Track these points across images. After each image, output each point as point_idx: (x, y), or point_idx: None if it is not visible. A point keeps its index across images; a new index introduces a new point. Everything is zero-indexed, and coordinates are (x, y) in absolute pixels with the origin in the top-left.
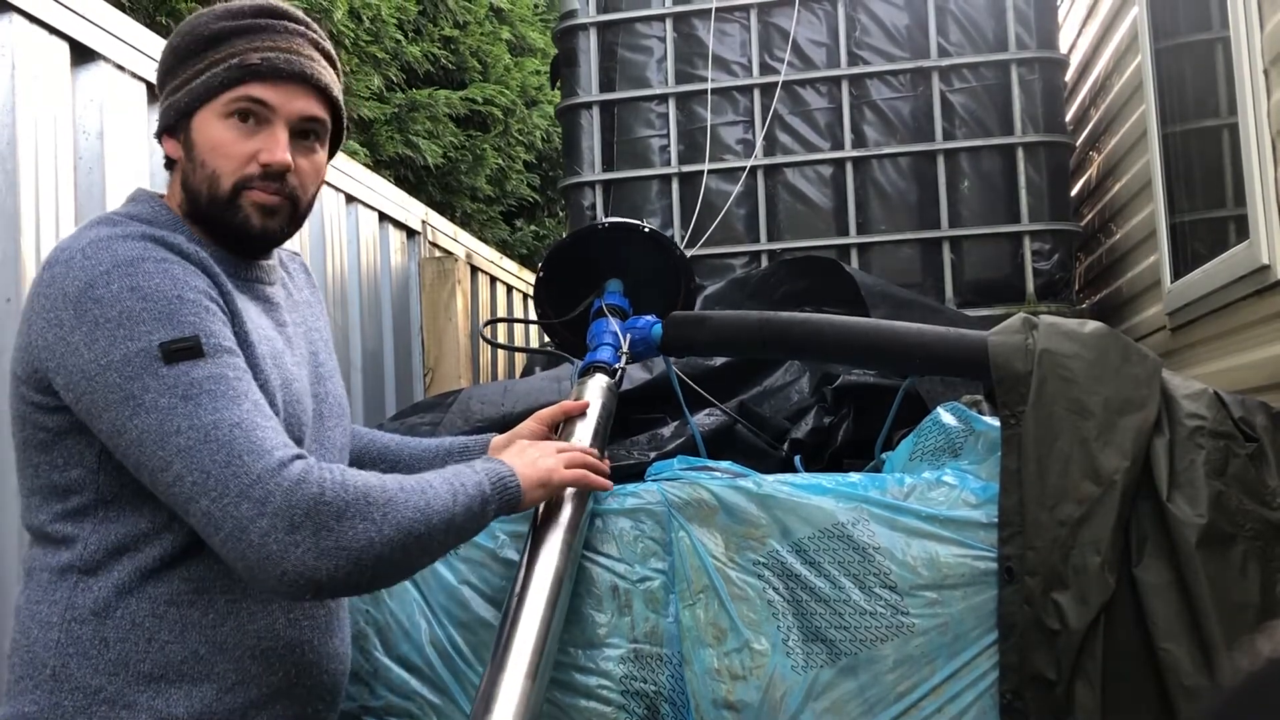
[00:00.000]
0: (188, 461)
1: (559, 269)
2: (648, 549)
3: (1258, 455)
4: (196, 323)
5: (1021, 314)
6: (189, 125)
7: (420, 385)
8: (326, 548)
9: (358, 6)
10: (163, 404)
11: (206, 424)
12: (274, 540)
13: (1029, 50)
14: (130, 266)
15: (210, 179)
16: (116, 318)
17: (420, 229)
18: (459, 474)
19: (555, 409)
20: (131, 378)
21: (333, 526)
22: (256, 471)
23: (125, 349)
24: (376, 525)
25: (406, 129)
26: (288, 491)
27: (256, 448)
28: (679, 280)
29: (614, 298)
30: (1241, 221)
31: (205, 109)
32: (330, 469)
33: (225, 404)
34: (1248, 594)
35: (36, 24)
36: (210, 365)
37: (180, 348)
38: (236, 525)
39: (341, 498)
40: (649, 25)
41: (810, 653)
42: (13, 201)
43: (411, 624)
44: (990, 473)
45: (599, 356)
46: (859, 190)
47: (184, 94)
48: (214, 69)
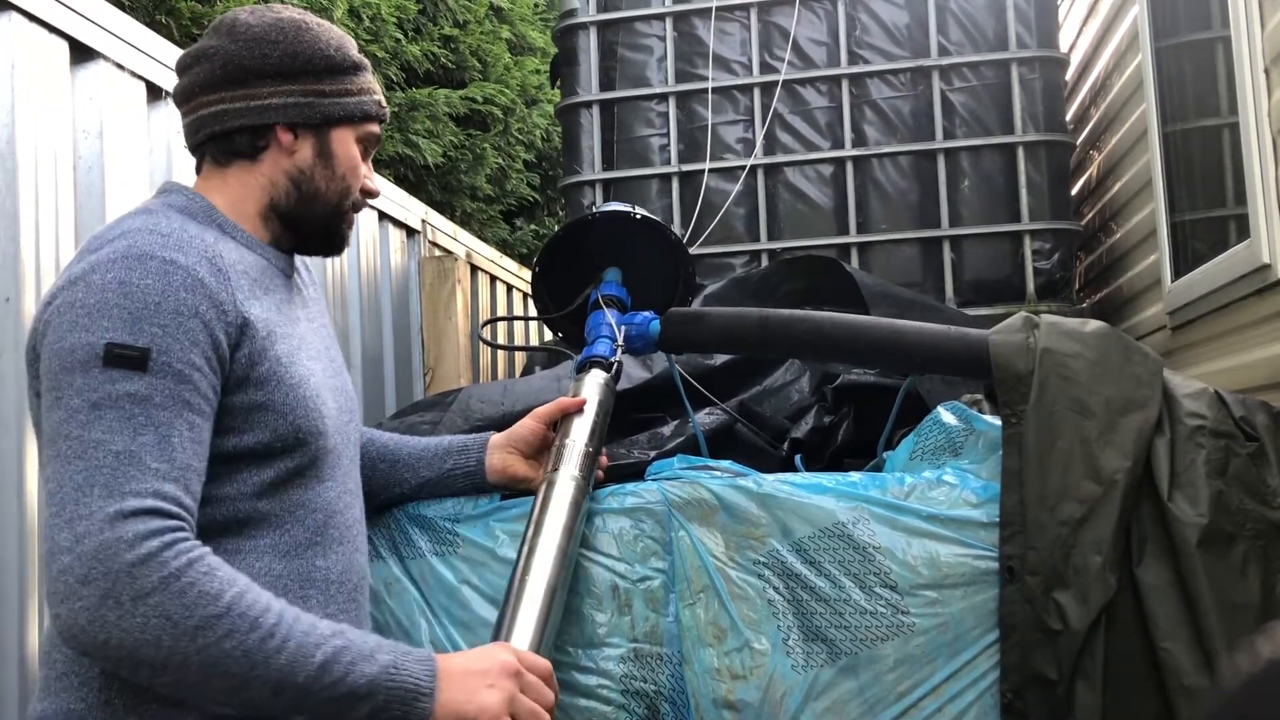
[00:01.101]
0: (56, 469)
1: (556, 262)
2: (648, 548)
3: (1258, 455)
4: (158, 335)
5: (1022, 313)
6: (326, 133)
7: (420, 384)
8: (106, 618)
9: (357, 5)
10: (73, 405)
11: (90, 441)
12: (63, 582)
13: (1029, 49)
14: (135, 261)
15: (343, 191)
16: (91, 306)
17: (420, 228)
18: (357, 649)
19: (552, 406)
20: (67, 369)
21: (124, 603)
22: (92, 508)
23: (75, 339)
24: (175, 634)
25: (406, 128)
26: (103, 543)
27: (114, 485)
28: (677, 265)
29: (611, 288)
30: (1242, 221)
31: (348, 128)
32: (180, 548)
33: (125, 429)
34: (1248, 594)
35: (36, 23)
36: (143, 384)
37: (124, 354)
38: (51, 548)
39: (153, 580)
40: (649, 24)
41: (810, 652)
42: (12, 201)
43: (411, 623)
44: (991, 472)
45: (595, 351)
46: (859, 189)
47: (333, 103)
48: (362, 96)
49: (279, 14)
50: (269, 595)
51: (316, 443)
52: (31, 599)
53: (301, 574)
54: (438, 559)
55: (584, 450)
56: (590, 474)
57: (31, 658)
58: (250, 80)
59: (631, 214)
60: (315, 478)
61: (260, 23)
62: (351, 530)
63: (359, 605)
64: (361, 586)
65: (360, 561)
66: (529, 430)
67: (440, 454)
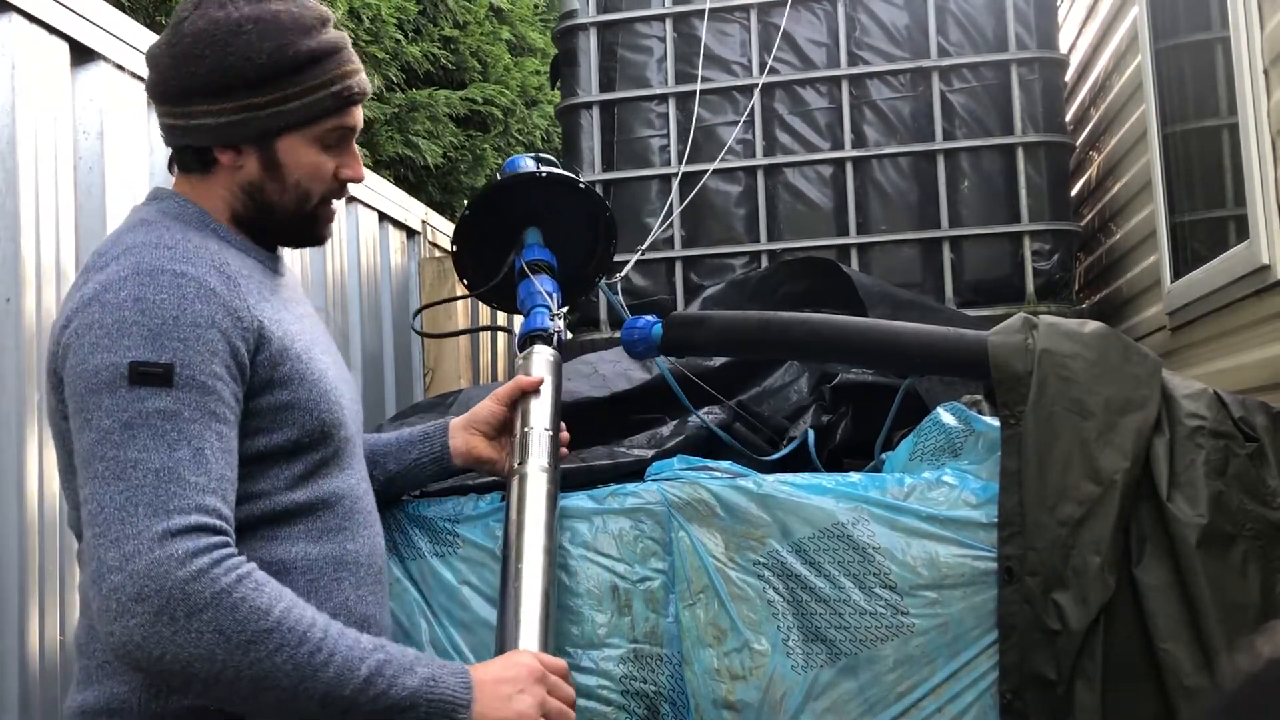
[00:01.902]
0: (95, 489)
1: (476, 235)
2: (648, 549)
3: (1258, 455)
4: (179, 349)
5: (1021, 314)
6: (273, 145)
7: (420, 385)
8: (161, 635)
9: (358, 6)
10: (105, 425)
11: (128, 460)
12: (115, 600)
13: (1029, 50)
14: (147, 277)
15: (302, 198)
16: (109, 325)
17: (420, 229)
18: (398, 663)
19: (511, 386)
20: (94, 390)
21: (178, 619)
22: (139, 527)
23: (99, 360)
24: (228, 649)
25: (406, 129)
26: (154, 561)
27: (158, 503)
28: (594, 214)
29: (534, 251)
30: (1241, 221)
31: (298, 133)
32: (229, 564)
33: (160, 445)
34: (1248, 594)
35: (36, 24)
36: (170, 399)
37: (149, 371)
38: (98, 568)
39: (206, 596)
40: (649, 25)
41: (810, 653)
42: (12, 202)
43: (411, 624)
44: (990, 473)
45: (534, 325)
46: (859, 190)
47: (272, 115)
48: (313, 95)
49: (216, 14)
50: (312, 609)
51: (339, 433)
52: (32, 599)
53: (335, 557)
54: (437, 559)
55: (546, 436)
56: (556, 459)
57: (32, 657)
58: (182, 98)
59: (536, 174)
60: (338, 466)
61: (193, 31)
62: (372, 515)
63: (383, 585)
64: (384, 568)
65: (381, 544)
66: (489, 411)
67: (403, 445)
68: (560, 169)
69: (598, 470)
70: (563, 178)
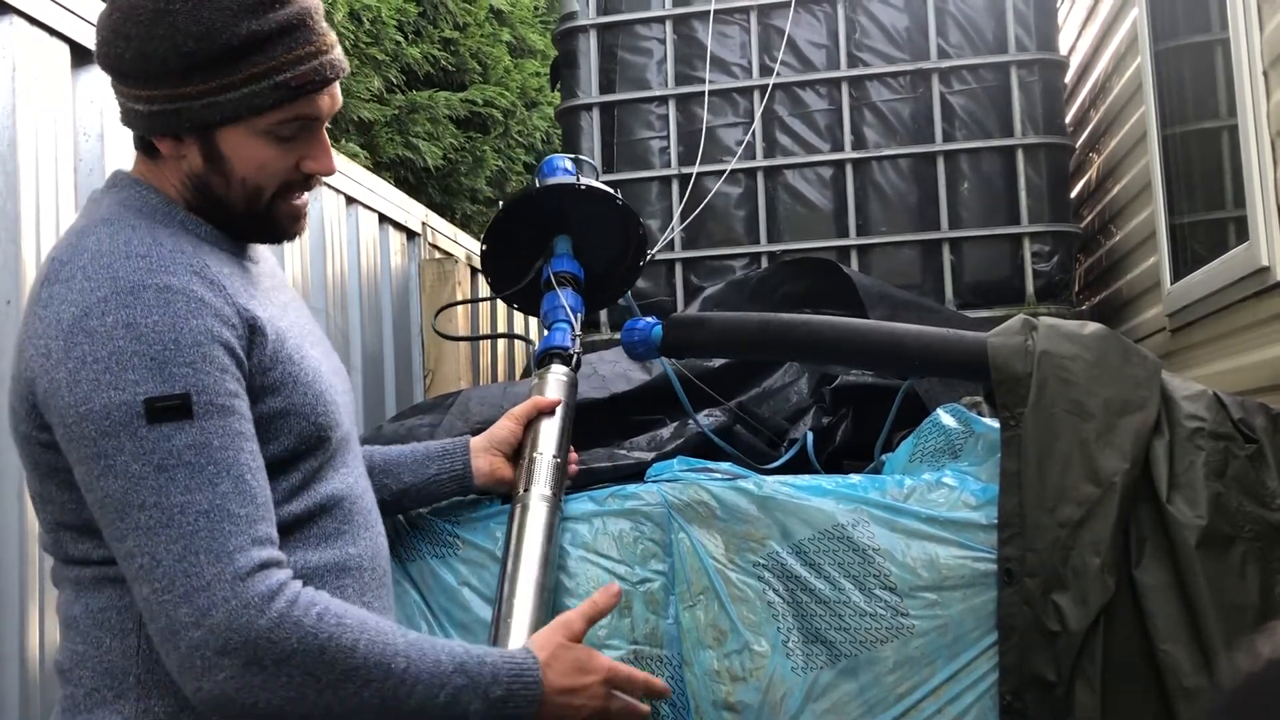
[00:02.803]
0: (141, 541)
1: (506, 236)
2: (648, 550)
3: (1257, 457)
4: (190, 375)
5: (1021, 315)
6: (211, 137)
7: (420, 387)
8: (252, 684)
9: (358, 8)
10: (134, 471)
11: (173, 506)
12: (199, 656)
13: (1029, 52)
14: (129, 296)
15: (252, 194)
16: (105, 359)
17: (420, 231)
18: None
19: (528, 405)
20: (108, 433)
21: (268, 667)
22: (208, 577)
23: (107, 398)
24: (318, 689)
25: (406, 131)
26: (232, 612)
27: (216, 548)
28: (627, 228)
29: (563, 261)
30: (1241, 223)
31: (240, 125)
32: (304, 600)
33: (200, 483)
34: (1247, 595)
35: (36, 26)
36: (196, 430)
37: (167, 406)
38: (169, 625)
39: (292, 642)
40: (649, 27)
41: (810, 654)
42: (13, 204)
43: (411, 625)
44: (990, 474)
45: (554, 341)
46: (859, 192)
47: (207, 106)
48: (254, 85)
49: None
50: (391, 630)
51: (334, 435)
52: (32, 599)
53: (336, 564)
54: (437, 561)
55: (553, 464)
56: (561, 486)
57: (32, 658)
58: (117, 79)
59: (576, 187)
60: (333, 468)
61: (120, 6)
62: (372, 515)
63: (387, 588)
64: (388, 570)
65: (384, 545)
66: (508, 431)
67: (421, 459)
68: (596, 181)
69: (598, 472)
70: (601, 192)
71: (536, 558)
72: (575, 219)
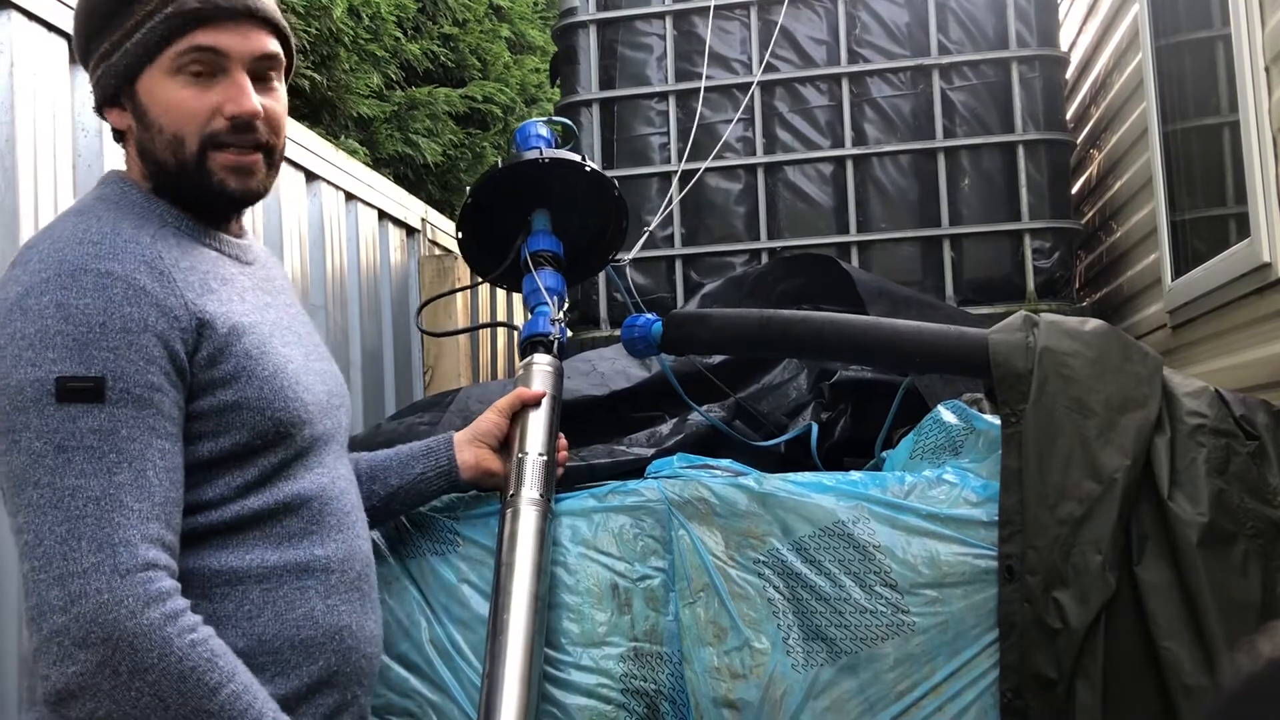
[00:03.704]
0: (31, 518)
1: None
2: (648, 547)
3: (1259, 453)
4: (110, 360)
5: (1022, 312)
6: (134, 91)
7: (420, 384)
8: (99, 687)
9: (357, 4)
10: (35, 448)
11: (65, 487)
12: (58, 644)
13: (1029, 48)
14: (68, 279)
15: (174, 143)
16: (31, 335)
17: (420, 227)
18: None
19: (512, 397)
20: (19, 408)
21: (121, 674)
22: (84, 564)
23: (23, 374)
24: (164, 714)
25: (406, 127)
26: (102, 606)
27: (101, 536)
28: (602, 195)
29: (540, 239)
30: (1242, 219)
31: (150, 69)
32: (184, 622)
33: (98, 469)
34: (1249, 593)
35: (35, 21)
36: (104, 415)
37: (78, 387)
38: (39, 605)
39: (154, 656)
40: (649, 23)
41: (810, 651)
42: (12, 199)
43: (411, 622)
44: (991, 471)
45: (535, 328)
46: (859, 188)
47: (120, 56)
48: (149, 21)
49: None
50: (263, 701)
51: (301, 433)
52: None
53: (298, 564)
54: (437, 558)
55: (539, 463)
56: (550, 484)
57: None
58: (82, 65)
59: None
60: (304, 467)
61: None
62: (350, 517)
63: (363, 594)
64: (366, 574)
65: (363, 548)
66: (492, 423)
67: (405, 460)
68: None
69: (598, 468)
70: (566, 161)
71: (528, 567)
72: (551, 191)
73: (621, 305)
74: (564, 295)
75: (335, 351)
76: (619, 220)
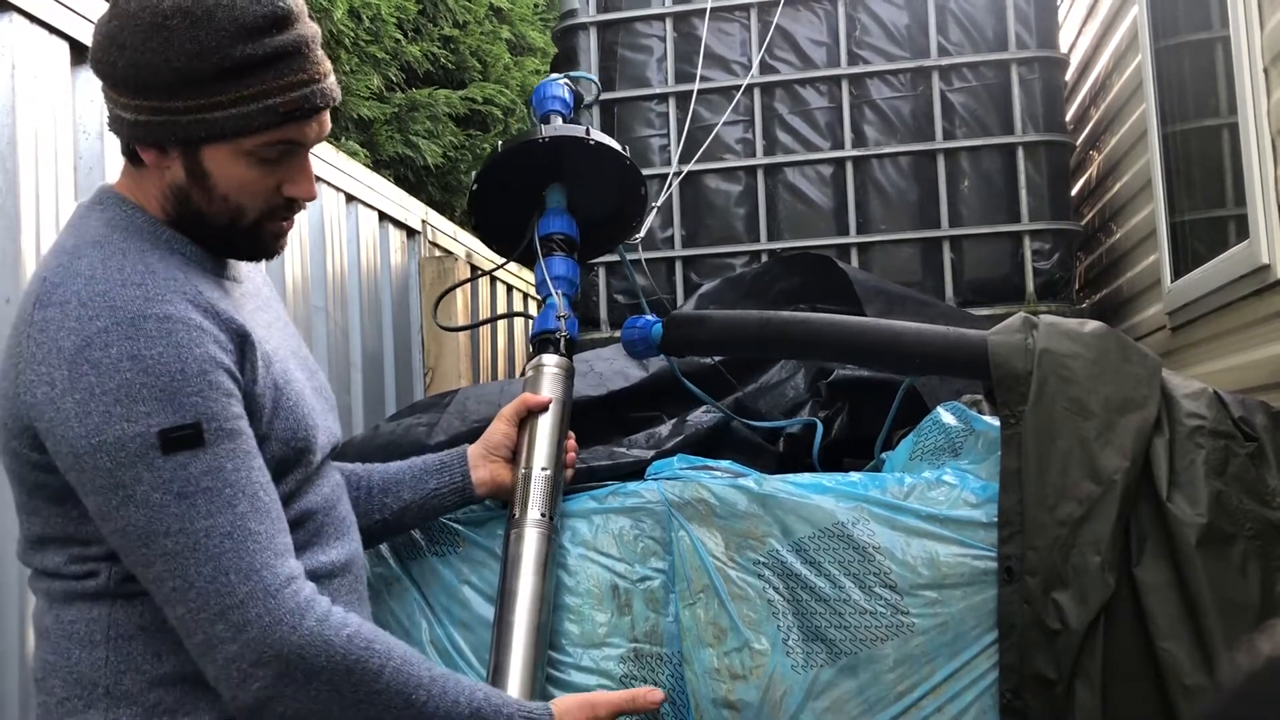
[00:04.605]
0: (171, 566)
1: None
2: (648, 548)
3: (1258, 455)
4: (199, 404)
5: (1021, 313)
6: (198, 152)
7: (420, 385)
8: (284, 694)
9: (357, 6)
10: (154, 500)
11: (197, 530)
12: (236, 668)
13: (1029, 50)
14: (131, 327)
15: (234, 212)
16: (114, 391)
17: (420, 228)
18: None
19: (517, 404)
20: (124, 465)
21: (299, 680)
22: (241, 594)
23: (120, 430)
24: (342, 706)
25: (406, 129)
26: (267, 627)
27: (245, 566)
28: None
29: (551, 220)
30: (1241, 221)
31: (226, 144)
32: (335, 620)
33: (220, 507)
34: (1248, 593)
35: (36, 23)
36: (210, 457)
37: (180, 436)
38: (206, 640)
39: (322, 660)
40: (649, 25)
41: (810, 652)
42: (13, 202)
43: (412, 623)
44: (990, 472)
45: (543, 325)
46: (859, 190)
47: (195, 125)
48: (241, 107)
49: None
50: (416, 660)
51: (311, 459)
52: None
53: (308, 573)
54: (438, 559)
55: (543, 479)
56: (556, 501)
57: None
58: (108, 85)
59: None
60: (309, 485)
61: (123, 12)
62: (346, 520)
63: (359, 593)
64: (361, 575)
65: (359, 550)
66: (502, 435)
67: (419, 474)
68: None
69: (598, 470)
70: (570, 139)
71: (529, 597)
72: (565, 164)
73: (622, 307)
74: (576, 282)
75: (335, 353)
76: (636, 188)
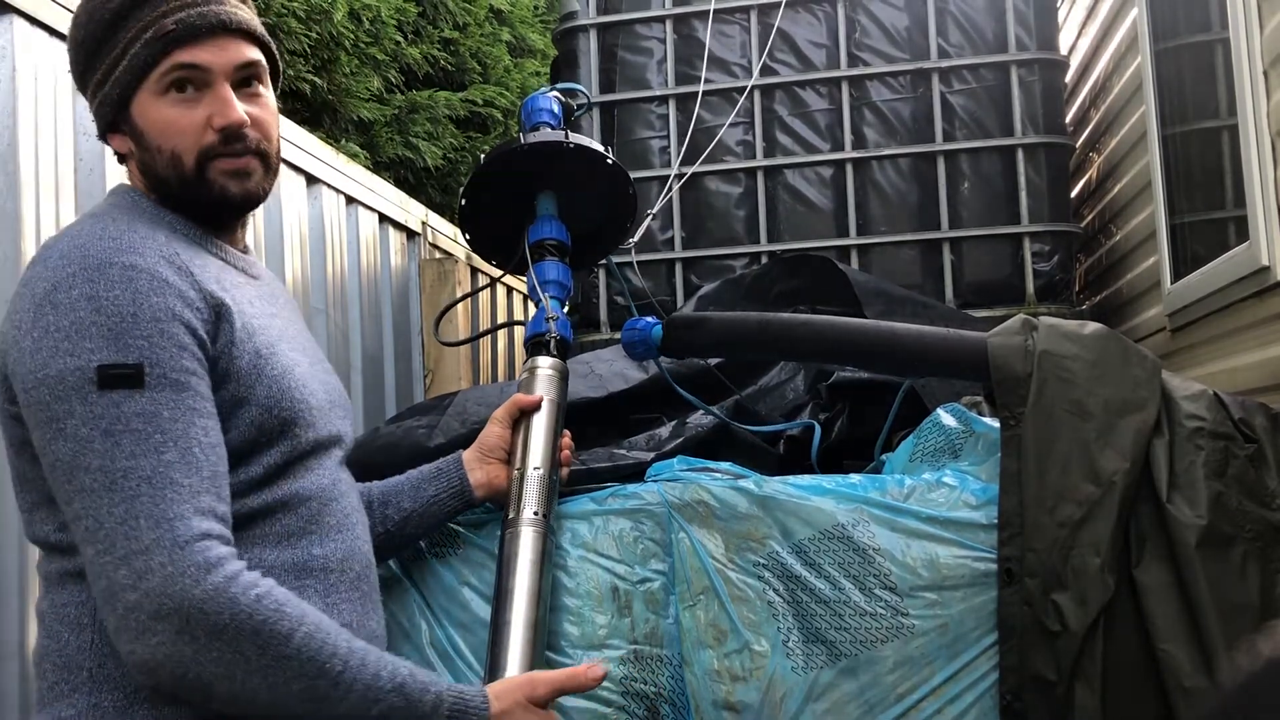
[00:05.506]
0: (87, 504)
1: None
2: (648, 550)
3: (1257, 456)
4: (145, 348)
5: (1021, 315)
6: (129, 115)
7: (420, 387)
8: (183, 654)
9: (357, 8)
10: (82, 434)
11: (117, 470)
12: (134, 619)
13: (1029, 51)
14: (95, 272)
15: (173, 161)
16: (66, 328)
17: (420, 230)
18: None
19: (510, 405)
20: (60, 398)
21: (199, 638)
22: (146, 541)
23: (62, 364)
24: (247, 670)
25: (406, 131)
26: (168, 578)
27: (157, 513)
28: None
29: (542, 227)
30: (1241, 223)
31: (139, 93)
32: (245, 579)
33: (146, 450)
34: (1247, 595)
35: (37, 26)
36: (145, 400)
37: (119, 374)
38: (109, 586)
39: (225, 617)
40: (649, 27)
41: (810, 654)
42: (13, 203)
43: (411, 625)
44: (990, 474)
45: (536, 328)
46: (859, 191)
47: (111, 85)
48: (133, 47)
49: None
50: (333, 630)
51: (305, 434)
52: (31, 599)
53: (297, 563)
54: (437, 560)
55: (538, 478)
56: (551, 499)
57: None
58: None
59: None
60: (304, 468)
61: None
62: (350, 518)
63: (363, 594)
64: (366, 575)
65: (363, 549)
66: (496, 437)
67: (417, 483)
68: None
69: (598, 472)
70: (550, 145)
71: (525, 595)
72: (556, 172)
73: (622, 308)
74: (568, 285)
75: (335, 355)
76: (626, 190)
